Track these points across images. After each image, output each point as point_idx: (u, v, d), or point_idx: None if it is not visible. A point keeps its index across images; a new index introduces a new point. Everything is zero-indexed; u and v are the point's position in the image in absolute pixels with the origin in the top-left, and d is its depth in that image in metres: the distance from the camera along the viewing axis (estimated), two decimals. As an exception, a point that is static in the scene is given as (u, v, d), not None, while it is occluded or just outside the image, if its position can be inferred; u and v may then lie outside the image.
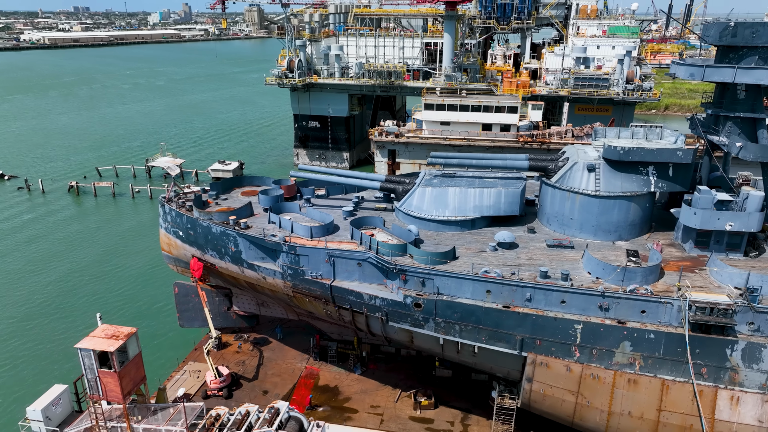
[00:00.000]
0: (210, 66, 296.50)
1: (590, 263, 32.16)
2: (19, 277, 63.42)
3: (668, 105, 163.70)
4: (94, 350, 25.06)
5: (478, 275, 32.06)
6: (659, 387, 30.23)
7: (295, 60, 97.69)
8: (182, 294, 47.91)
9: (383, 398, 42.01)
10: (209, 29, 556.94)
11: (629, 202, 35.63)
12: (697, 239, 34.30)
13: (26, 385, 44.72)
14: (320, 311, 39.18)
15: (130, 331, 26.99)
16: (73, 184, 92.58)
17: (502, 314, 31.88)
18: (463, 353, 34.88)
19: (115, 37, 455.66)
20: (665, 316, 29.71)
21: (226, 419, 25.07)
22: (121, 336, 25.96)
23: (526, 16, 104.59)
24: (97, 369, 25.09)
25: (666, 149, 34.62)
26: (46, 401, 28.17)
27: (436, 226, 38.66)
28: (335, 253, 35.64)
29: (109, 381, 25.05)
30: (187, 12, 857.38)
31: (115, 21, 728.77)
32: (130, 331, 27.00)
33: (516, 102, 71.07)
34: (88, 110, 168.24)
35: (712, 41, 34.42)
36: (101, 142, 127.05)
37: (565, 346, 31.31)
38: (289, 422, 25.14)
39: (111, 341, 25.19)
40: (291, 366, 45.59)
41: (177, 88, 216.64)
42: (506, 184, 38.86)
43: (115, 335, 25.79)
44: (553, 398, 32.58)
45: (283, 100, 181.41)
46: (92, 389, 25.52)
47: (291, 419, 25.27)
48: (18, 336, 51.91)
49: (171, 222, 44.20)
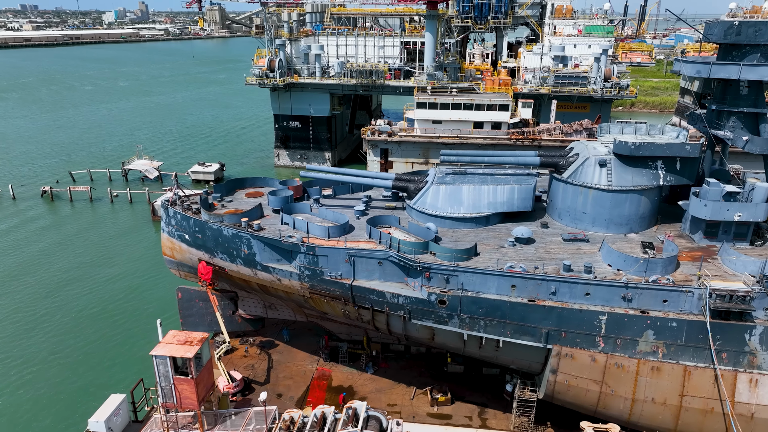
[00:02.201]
0: (174, 66, 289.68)
1: (611, 255, 33.06)
2: (5, 284, 60.75)
3: (634, 102, 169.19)
4: (171, 357, 24.26)
5: (503, 270, 32.57)
6: (681, 373, 31.37)
7: (276, 60, 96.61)
8: (185, 299, 46.88)
9: (399, 396, 42.10)
10: (169, 28, 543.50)
11: (640, 196, 36.80)
12: (706, 230, 35.71)
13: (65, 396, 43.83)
14: (337, 312, 38.98)
15: (202, 336, 26.26)
16: (46, 190, 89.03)
17: (528, 308, 32.47)
18: (485, 348, 35.32)
19: (70, 37, 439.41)
20: (686, 305, 30.86)
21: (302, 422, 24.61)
22: (194, 342, 25.20)
23: (502, 15, 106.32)
24: (173, 376, 24.29)
25: (675, 144, 35.91)
26: (106, 412, 27.10)
27: (451, 223, 39.01)
28: (355, 253, 35.55)
29: (185, 388, 24.30)
30: (144, 11, 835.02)
31: (67, 20, 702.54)
32: (203, 336, 26.28)
33: (507, 100, 72.32)
34: (51, 113, 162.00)
35: (716, 39, 35.89)
36: (70, 145, 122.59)
37: (590, 337, 32.13)
38: (369, 422, 24.99)
39: (186, 347, 24.43)
40: (302, 368, 45.18)
41: (142, 89, 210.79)
42: (519, 180, 39.50)
43: (188, 341, 25.01)
44: (578, 388, 33.36)
45: (255, 100, 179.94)
46: (166, 397, 24.68)
47: (370, 418, 25.13)
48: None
49: (176, 225, 43.17)
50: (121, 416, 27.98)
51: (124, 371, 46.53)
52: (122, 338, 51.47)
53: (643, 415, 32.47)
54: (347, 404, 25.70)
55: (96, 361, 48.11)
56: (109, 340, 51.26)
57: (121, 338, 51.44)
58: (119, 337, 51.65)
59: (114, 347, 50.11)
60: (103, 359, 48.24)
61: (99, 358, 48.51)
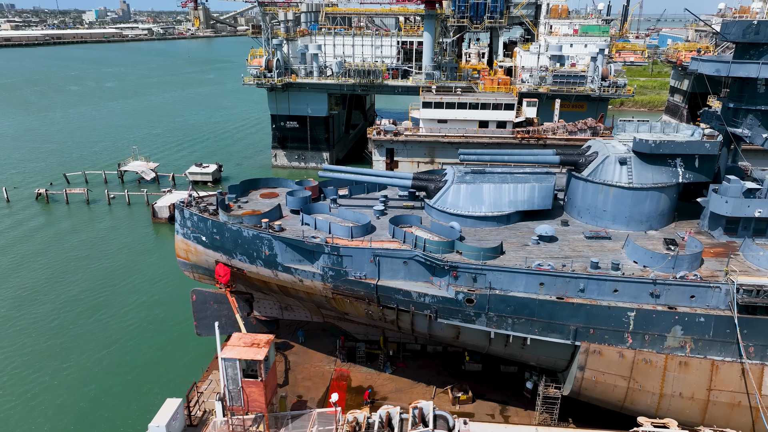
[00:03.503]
0: (161, 67, 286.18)
1: (637, 252, 33.42)
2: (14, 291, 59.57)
3: (623, 101, 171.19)
4: (240, 359, 23.88)
5: (531, 268, 32.74)
6: (709, 367, 31.83)
7: (273, 59, 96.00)
8: (200, 301, 46.32)
9: (419, 395, 42.02)
10: (153, 28, 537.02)
11: (660, 193, 37.26)
12: (726, 226, 36.27)
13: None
14: (360, 312, 38.85)
15: (268, 338, 25.94)
16: (41, 192, 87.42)
17: (557, 305, 32.69)
18: (511, 346, 35.48)
19: (52, 36, 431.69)
20: (713, 300, 31.32)
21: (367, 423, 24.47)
22: (262, 344, 24.84)
23: (498, 15, 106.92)
24: (241, 379, 23.90)
25: (694, 142, 36.46)
26: (165, 416, 26.62)
27: (472, 222, 39.13)
28: (381, 253, 35.47)
29: (253, 391, 23.93)
30: (126, 10, 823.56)
31: (46, 19, 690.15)
32: (269, 338, 25.94)
33: (513, 99, 72.70)
34: (39, 114, 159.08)
35: (734, 38, 36.46)
36: (61, 147, 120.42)
37: (618, 333, 32.44)
38: (438, 421, 24.93)
39: (255, 350, 24.06)
40: (320, 369, 44.98)
41: (130, 89, 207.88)
42: (539, 178, 39.74)
43: (256, 343, 24.65)
44: (605, 384, 33.66)
45: (246, 100, 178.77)
46: (234, 400, 24.27)
47: (438, 418, 25.06)
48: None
49: (192, 227, 42.67)
50: (178, 420, 27.56)
51: (143, 377, 46.10)
52: (138, 343, 50.89)
53: (671, 410, 32.87)
54: (412, 404, 25.64)
55: (129, 367, 47.53)
56: (125, 345, 50.60)
57: (137, 343, 50.86)
58: (138, 343, 51.05)
59: (133, 353, 49.51)
60: (133, 365, 47.63)
61: (126, 365, 47.87)
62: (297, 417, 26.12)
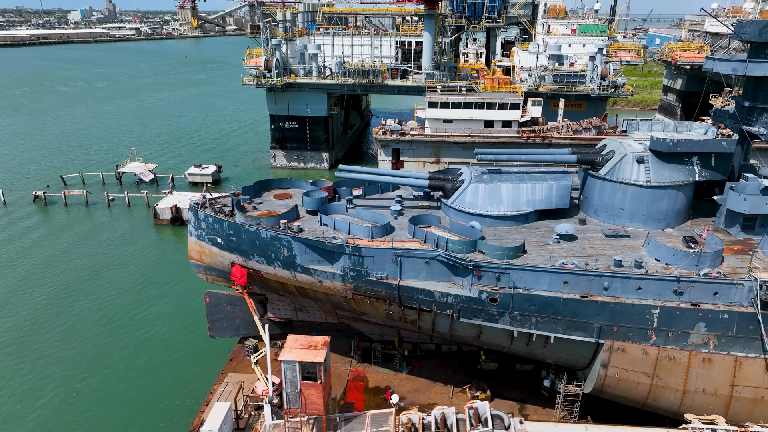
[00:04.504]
0: (151, 67, 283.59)
1: (659, 250, 33.69)
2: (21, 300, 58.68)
3: (616, 100, 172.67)
4: (300, 362, 23.66)
5: (555, 267, 32.88)
6: (732, 364, 32.18)
7: (273, 59, 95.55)
8: (213, 303, 45.96)
9: (437, 395, 42.14)
10: (141, 28, 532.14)
11: (677, 191, 37.61)
12: (743, 223, 36.70)
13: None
14: (380, 313, 38.77)
15: (325, 340, 25.79)
16: (38, 194, 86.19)
17: (581, 304, 32.86)
18: (533, 344, 35.60)
19: (38, 36, 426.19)
20: (736, 297, 31.67)
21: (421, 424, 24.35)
22: (319, 345, 24.64)
23: (496, 15, 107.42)
24: (300, 381, 23.68)
25: (711, 140, 36.86)
26: (217, 421, 26.30)
27: (491, 221, 39.21)
28: (402, 253, 35.43)
29: (312, 393, 23.76)
30: (112, 10, 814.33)
31: (30, 19, 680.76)
32: (325, 340, 25.81)
33: (518, 99, 73.03)
34: (31, 115, 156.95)
35: (749, 38, 36.91)
36: (55, 149, 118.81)
37: (642, 330, 32.68)
38: (494, 420, 24.92)
39: (314, 352, 23.87)
40: (336, 370, 44.70)
41: (122, 90, 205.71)
42: (556, 177, 39.93)
43: (312, 345, 24.45)
44: (628, 381, 33.90)
45: (240, 101, 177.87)
46: (291, 403, 24.04)
47: (494, 418, 25.05)
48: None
49: (207, 229, 42.32)
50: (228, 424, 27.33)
51: (157, 383, 45.62)
52: (149, 348, 50.39)
53: (694, 406, 33.18)
54: (467, 404, 25.63)
55: (139, 373, 47.12)
56: (136, 351, 50.09)
57: (148, 348, 50.36)
58: (149, 347, 50.54)
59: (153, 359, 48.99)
60: (144, 371, 47.16)
61: (137, 370, 47.40)
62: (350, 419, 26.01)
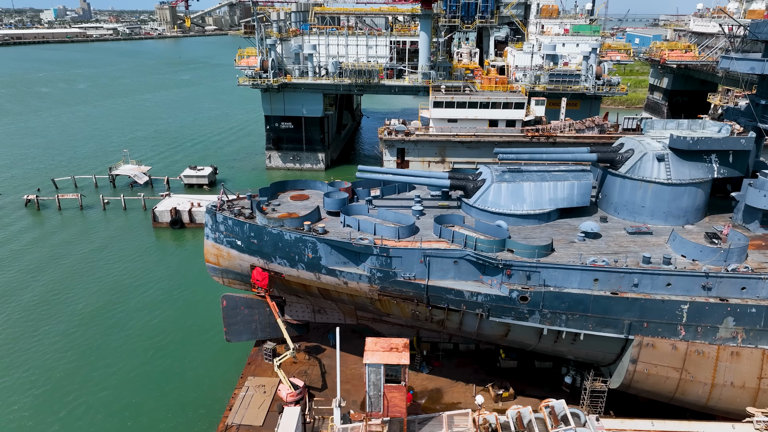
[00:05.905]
0: (132, 67, 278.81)
1: (685, 246, 34.22)
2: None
3: (602, 99, 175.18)
4: (385, 364, 23.34)
5: (586, 265, 33.18)
6: (760, 357, 32.86)
7: (268, 60, 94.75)
8: (230, 307, 45.36)
9: (460, 394, 42.27)
10: (119, 28, 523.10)
11: (697, 188, 38.26)
12: (762, 219, 37.48)
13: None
14: (405, 313, 38.69)
15: (405, 342, 25.52)
16: (30, 198, 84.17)
17: (611, 300, 33.21)
18: (561, 342, 35.88)
19: (11, 36, 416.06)
20: (764, 291, 32.33)
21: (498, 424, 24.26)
22: (400, 348, 24.36)
23: (489, 15, 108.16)
24: (383, 384, 23.37)
25: (730, 138, 37.57)
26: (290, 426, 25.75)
27: (514, 220, 39.38)
28: (431, 253, 35.40)
29: (395, 395, 23.48)
30: (86, 9, 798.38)
31: (2, 18, 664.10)
32: (405, 342, 25.53)
33: (523, 98, 73.58)
34: (13, 117, 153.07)
35: (765, 37, 37.71)
36: (43, 152, 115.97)
37: (672, 326, 33.18)
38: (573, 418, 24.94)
39: (397, 354, 23.60)
40: (356, 371, 44.55)
41: (105, 91, 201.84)
42: (577, 176, 40.29)
43: (393, 347, 24.17)
44: (657, 376, 34.38)
45: (226, 101, 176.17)
46: (373, 406, 23.71)
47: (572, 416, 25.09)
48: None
49: (225, 231, 41.77)
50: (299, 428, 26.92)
51: (174, 390, 44.94)
52: (162, 354, 49.56)
53: (722, 399, 33.81)
54: (543, 403, 25.67)
55: (148, 379, 46.46)
56: (148, 357, 49.20)
57: (161, 355, 49.52)
58: (162, 354, 49.69)
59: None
60: (157, 378, 46.55)
61: (149, 377, 46.59)
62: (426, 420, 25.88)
